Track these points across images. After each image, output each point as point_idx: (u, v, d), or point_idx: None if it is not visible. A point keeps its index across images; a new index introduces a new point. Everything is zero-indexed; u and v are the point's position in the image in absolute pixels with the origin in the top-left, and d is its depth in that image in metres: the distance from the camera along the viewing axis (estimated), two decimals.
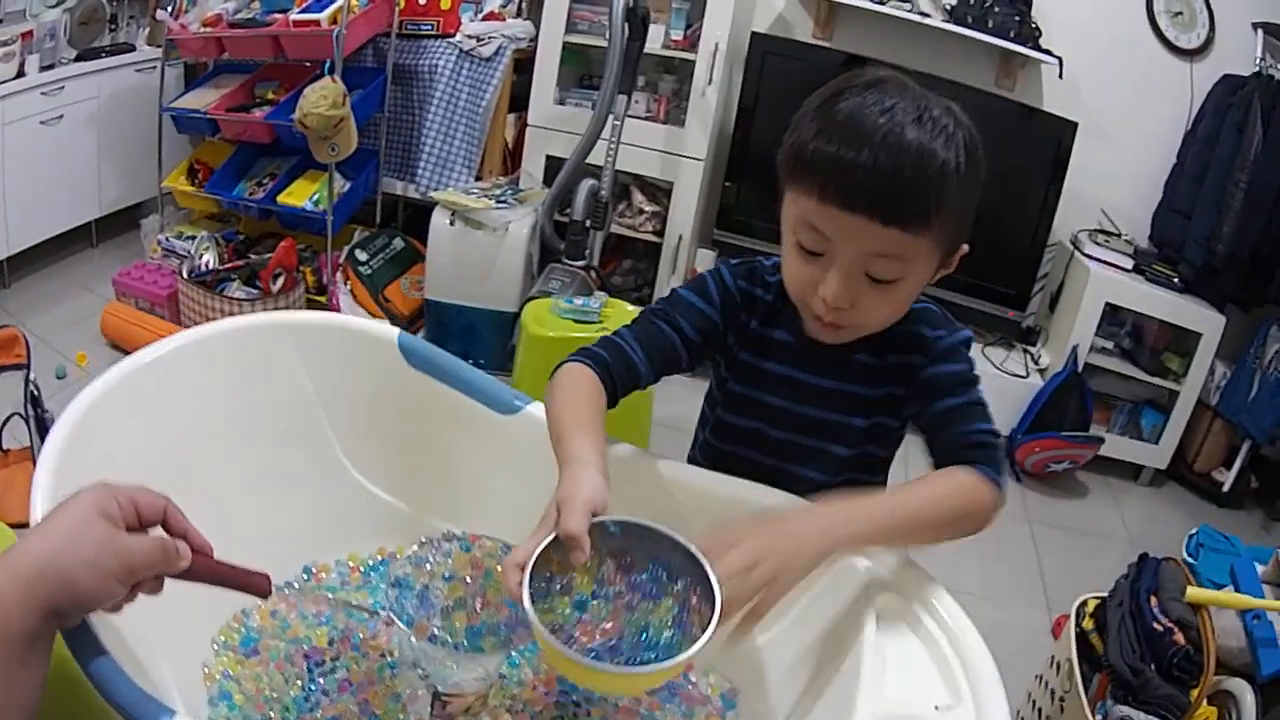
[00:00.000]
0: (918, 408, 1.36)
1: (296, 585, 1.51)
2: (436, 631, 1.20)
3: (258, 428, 1.48)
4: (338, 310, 3.82)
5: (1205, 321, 3.76)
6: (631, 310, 3.18)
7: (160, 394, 1.35)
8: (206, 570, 1.01)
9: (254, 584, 1.06)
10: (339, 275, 3.91)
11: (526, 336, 3.13)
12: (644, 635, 1.07)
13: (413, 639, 1.20)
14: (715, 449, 1.52)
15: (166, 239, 4.04)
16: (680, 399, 2.28)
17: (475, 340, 3.90)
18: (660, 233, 4.20)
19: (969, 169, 1.19)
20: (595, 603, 1.09)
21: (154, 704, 0.90)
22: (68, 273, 4.06)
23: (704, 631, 1.01)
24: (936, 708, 1.04)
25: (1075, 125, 3.80)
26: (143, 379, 1.33)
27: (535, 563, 1.05)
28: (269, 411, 1.50)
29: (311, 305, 3.89)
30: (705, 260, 4.20)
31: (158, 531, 0.98)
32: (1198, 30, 3.92)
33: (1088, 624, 2.05)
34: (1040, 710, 2.11)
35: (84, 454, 1.19)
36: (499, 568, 1.26)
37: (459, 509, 1.56)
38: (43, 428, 2.40)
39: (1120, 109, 4.00)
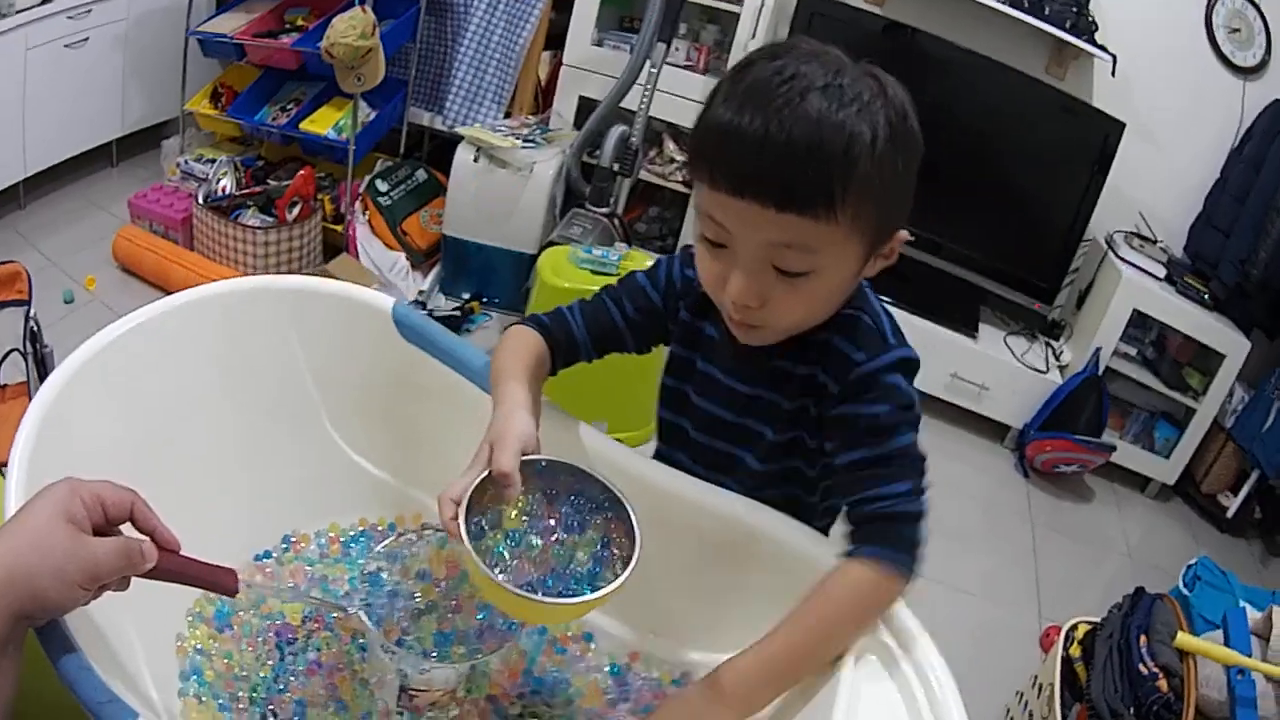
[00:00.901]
0: (828, 449, 1.21)
1: (275, 555, 1.49)
2: (405, 636, 1.18)
3: (244, 395, 1.45)
4: (354, 240, 3.82)
5: (1230, 343, 3.70)
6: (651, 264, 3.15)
7: (144, 361, 1.32)
8: (173, 569, 1.00)
9: (221, 581, 1.05)
10: (358, 205, 3.88)
11: (541, 284, 3.11)
12: (569, 566, 1.13)
13: (380, 643, 1.18)
14: (658, 447, 1.47)
15: (185, 161, 3.98)
16: None
17: (491, 279, 3.88)
18: (689, 183, 4.07)
19: (890, 145, 1.03)
20: (526, 537, 1.14)
21: (119, 705, 0.89)
22: (85, 193, 4.01)
23: (625, 565, 1.09)
24: None
25: (1123, 125, 3.73)
26: (126, 345, 1.29)
27: (469, 500, 1.08)
28: (256, 379, 1.46)
29: (328, 235, 3.87)
30: None
31: (127, 528, 0.97)
32: (1254, 49, 3.84)
33: (1074, 651, 2.02)
34: None
35: (63, 427, 1.16)
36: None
37: (444, 484, 1.51)
38: (41, 364, 2.39)
39: (1169, 116, 3.91)
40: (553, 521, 1.15)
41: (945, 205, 3.72)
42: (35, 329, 2.36)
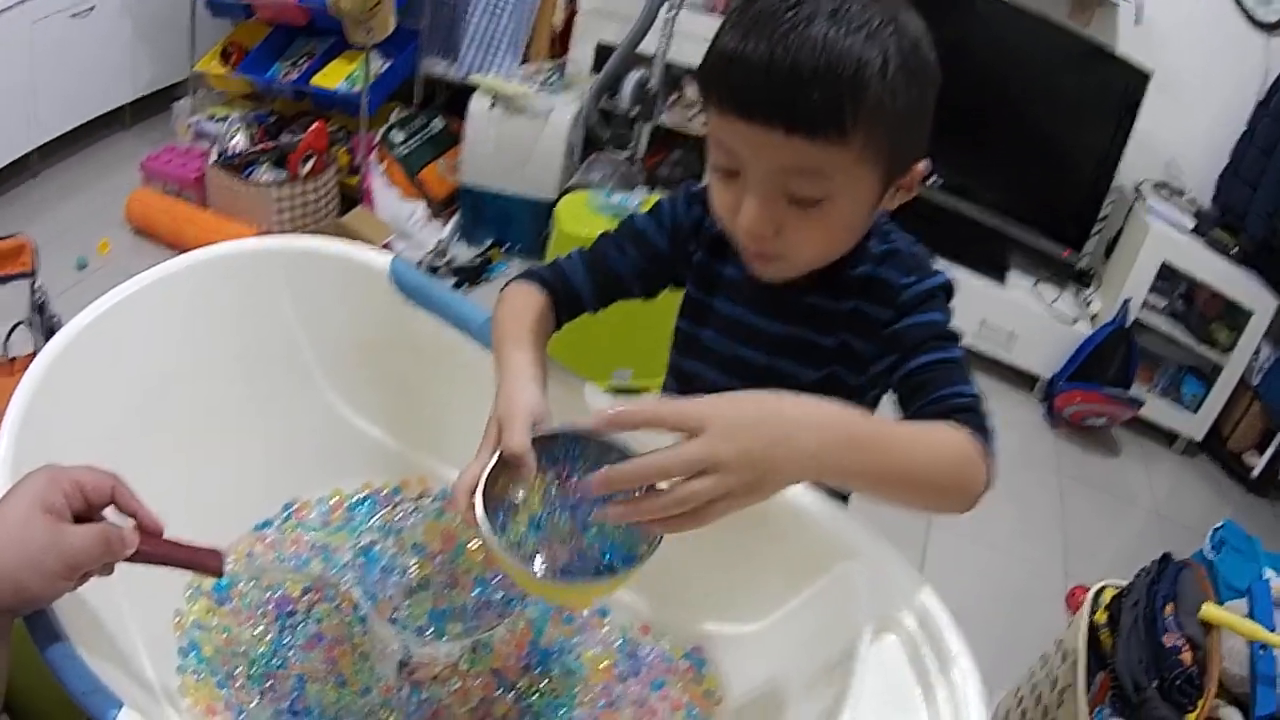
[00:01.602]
0: (888, 365, 1.18)
1: (276, 524, 1.46)
2: (399, 615, 1.15)
3: (240, 361, 1.41)
4: (370, 192, 3.78)
5: (1258, 299, 3.64)
6: None
7: (138, 331, 1.28)
8: (155, 553, 0.98)
9: (205, 563, 1.02)
10: (373, 156, 3.84)
11: (559, 232, 3.08)
12: (600, 540, 1.05)
13: (374, 621, 1.15)
14: (670, 393, 1.41)
15: (198, 121, 3.94)
16: None
17: (510, 226, 3.85)
18: None
19: (902, 72, 1.00)
20: (550, 519, 1.05)
21: (103, 695, 0.88)
22: (98, 157, 3.98)
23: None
24: None
25: (1147, 75, 3.66)
26: (120, 314, 1.26)
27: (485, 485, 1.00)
28: (251, 344, 1.42)
29: (344, 188, 3.83)
30: None
31: (110, 513, 0.95)
32: (1276, 5, 3.74)
33: (1100, 617, 1.97)
34: (1039, 696, 2.05)
35: (55, 401, 1.13)
36: (470, 546, 1.21)
37: (448, 446, 1.48)
38: (49, 335, 2.37)
39: (1193, 67, 3.83)
40: (576, 496, 1.06)
41: (972, 149, 3.70)
42: (43, 300, 2.34)
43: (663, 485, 0.90)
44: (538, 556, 1.03)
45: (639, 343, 3.01)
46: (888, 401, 1.26)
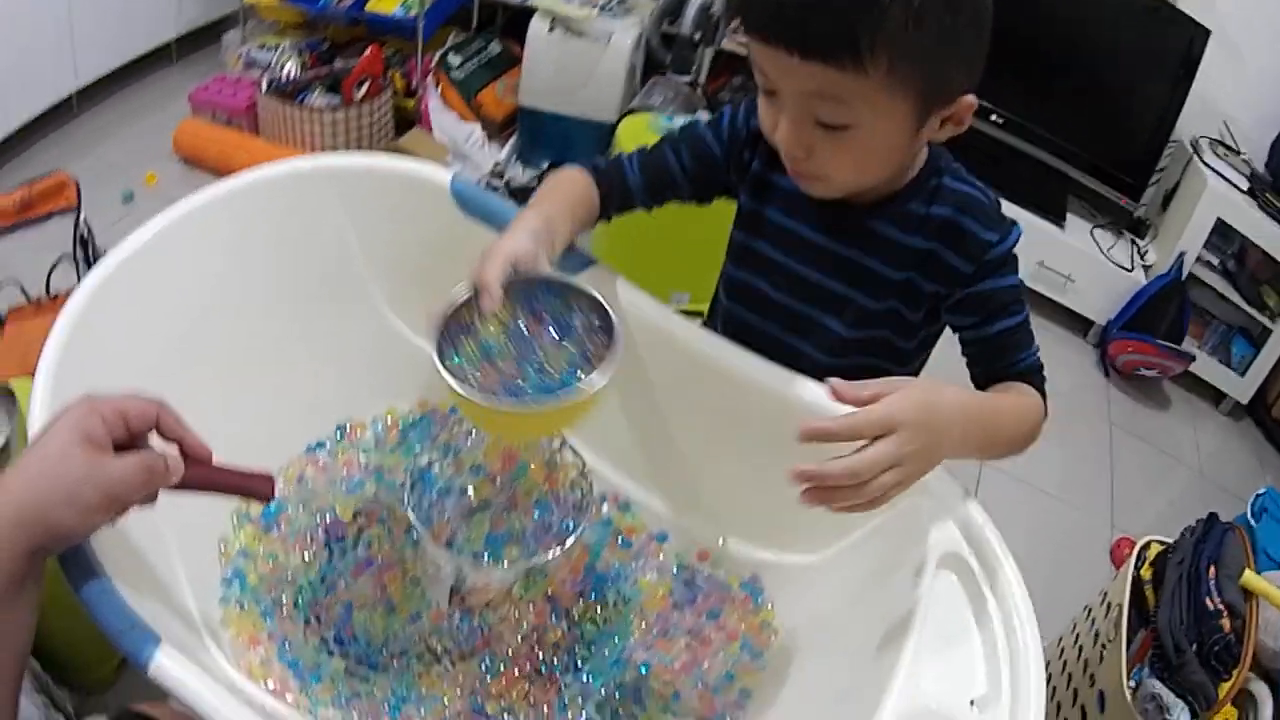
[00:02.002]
0: (967, 323, 1.22)
1: (328, 446, 1.45)
2: (455, 539, 1.14)
3: (294, 281, 1.40)
4: (427, 114, 3.73)
5: None
6: None
7: (183, 256, 1.26)
8: (202, 480, 0.94)
9: (256, 488, 0.99)
10: (430, 79, 3.78)
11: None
12: (542, 375, 1.07)
13: (428, 545, 1.14)
14: (723, 307, 1.42)
15: (248, 51, 3.87)
16: None
17: (569, 149, 3.76)
18: None
19: (935, 2, 0.98)
20: (501, 348, 1.09)
21: (141, 632, 0.86)
22: (144, 94, 3.89)
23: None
24: (972, 703, 0.97)
25: (1208, 32, 3.59)
26: (164, 242, 1.23)
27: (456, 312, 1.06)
28: (306, 264, 1.41)
29: (399, 111, 3.77)
30: None
31: (155, 441, 0.91)
32: None
33: (1146, 572, 1.96)
34: (1081, 648, 2.04)
35: (99, 331, 1.12)
36: (533, 465, 1.21)
37: None
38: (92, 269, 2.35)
39: (1253, 28, 3.75)
40: (528, 333, 1.10)
41: (1036, 91, 3.65)
42: (86, 233, 2.31)
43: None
44: (469, 378, 1.05)
45: (698, 266, 3.00)
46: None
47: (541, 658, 1.27)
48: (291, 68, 3.58)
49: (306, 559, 1.31)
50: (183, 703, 0.85)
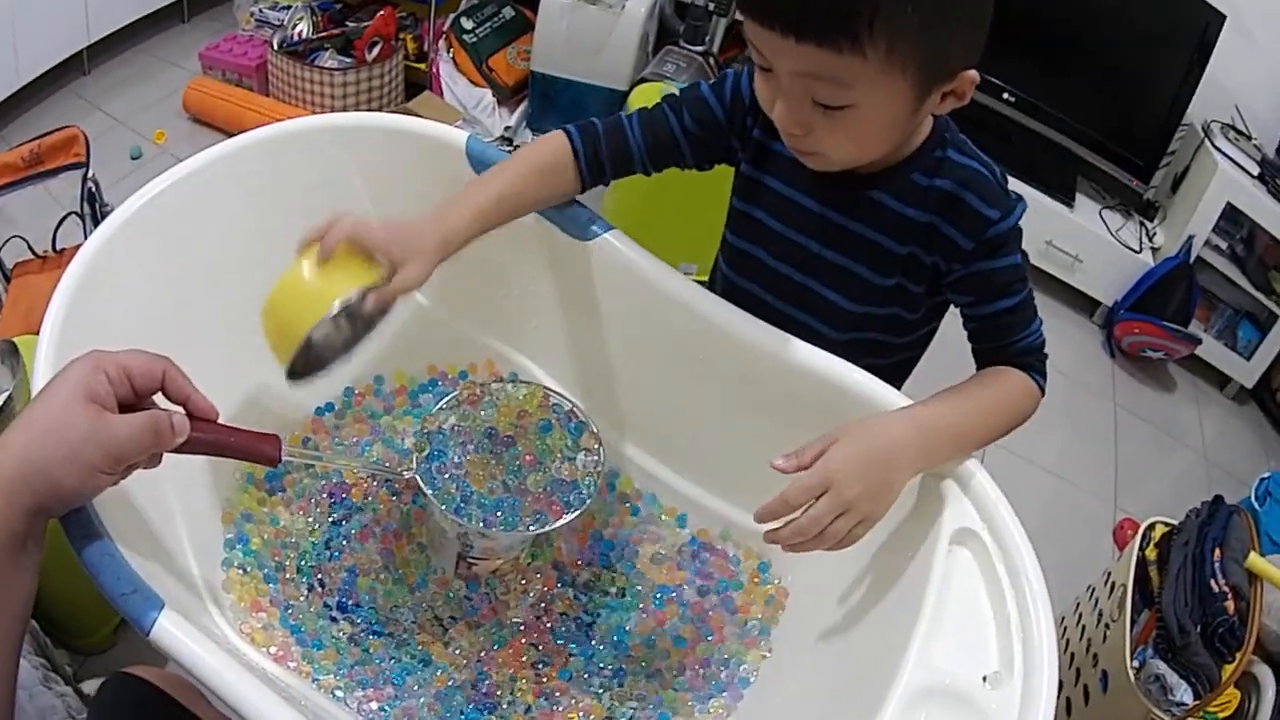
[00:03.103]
0: (965, 301, 1.21)
1: (336, 409, 1.44)
2: (465, 505, 1.13)
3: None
4: (438, 78, 3.72)
5: None
6: None
7: (195, 211, 1.24)
8: (208, 441, 0.92)
9: (262, 450, 0.97)
10: (441, 43, 3.76)
11: None
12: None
13: (440, 507, 1.13)
14: (722, 274, 1.41)
15: (260, 10, 3.85)
16: None
17: (580, 116, 3.60)
18: None
19: None
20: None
21: (143, 596, 0.85)
22: (154, 51, 3.87)
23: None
24: (984, 679, 0.96)
25: (1224, 17, 3.56)
26: (171, 199, 1.21)
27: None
28: (315, 223, 1.38)
29: (410, 74, 3.76)
30: None
31: (160, 399, 0.90)
32: None
33: (1150, 553, 1.96)
34: (1084, 627, 2.04)
35: (105, 288, 1.10)
36: (544, 434, 1.21)
37: (517, 329, 1.48)
38: (99, 225, 2.34)
39: (1268, 15, 3.72)
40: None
41: (1048, 69, 3.63)
42: (94, 189, 2.30)
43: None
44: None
45: (705, 238, 2.99)
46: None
47: (549, 627, 1.27)
48: (303, 27, 3.57)
49: (310, 523, 1.30)
50: (184, 668, 0.84)
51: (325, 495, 1.33)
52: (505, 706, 1.18)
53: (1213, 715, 1.69)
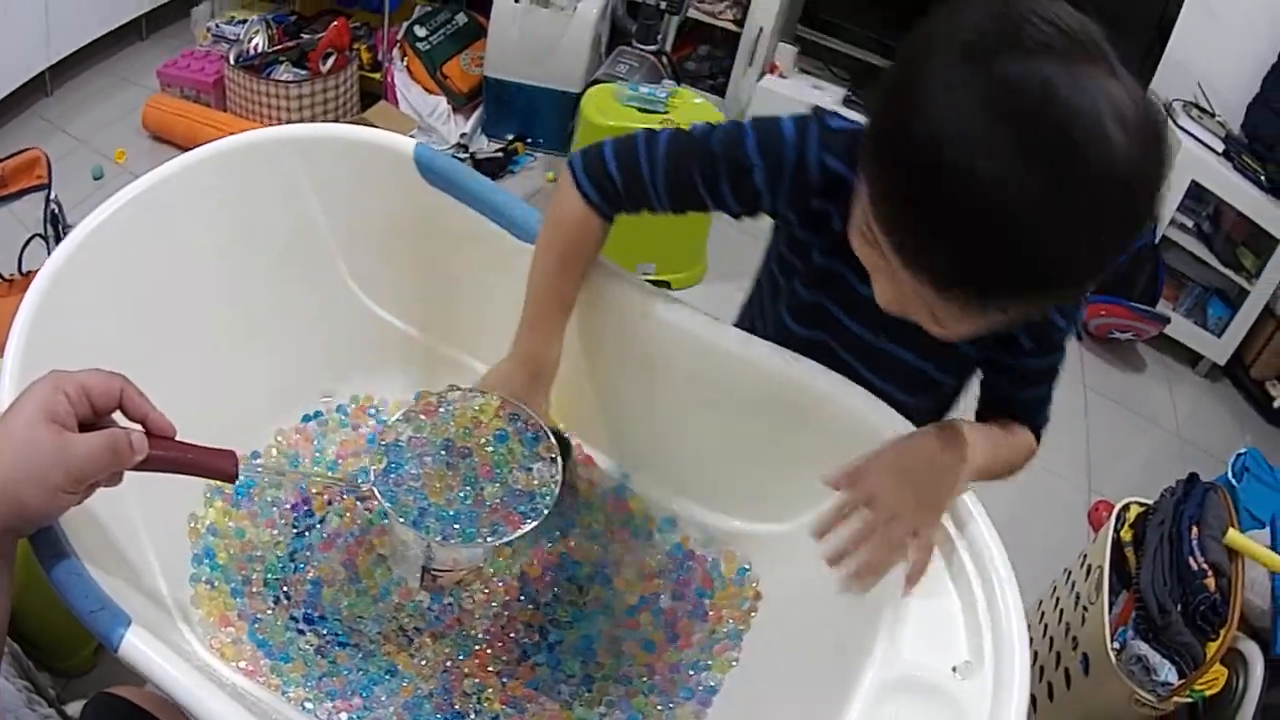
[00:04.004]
0: (1000, 382, 1.17)
1: (296, 422, 1.44)
2: (423, 515, 1.12)
3: (258, 255, 1.37)
4: (393, 87, 3.73)
5: None
6: (700, 103, 3.09)
7: (150, 229, 1.23)
8: (166, 459, 0.92)
9: (219, 466, 0.96)
10: (396, 52, 3.77)
11: (585, 123, 3.03)
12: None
13: (395, 522, 1.12)
14: (789, 333, 1.24)
15: (216, 25, 3.86)
16: None
17: (535, 120, 3.79)
18: (740, 22, 3.98)
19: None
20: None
21: (111, 613, 0.86)
22: (114, 70, 3.87)
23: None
24: (954, 669, 0.96)
25: None
26: (128, 215, 1.21)
27: None
28: (270, 236, 1.38)
29: (365, 84, 3.78)
30: (785, 55, 3.98)
31: (118, 418, 0.90)
32: None
33: (1126, 534, 1.95)
34: (1061, 611, 2.03)
35: (65, 310, 1.10)
36: (510, 429, 1.21)
37: (475, 338, 1.47)
38: None
39: None
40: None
41: None
42: (56, 211, 2.30)
43: None
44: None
45: (664, 238, 3.10)
46: None
47: (514, 637, 1.25)
48: (259, 41, 3.58)
49: (275, 535, 1.30)
50: (153, 683, 0.85)
51: (289, 508, 1.33)
52: (473, 716, 1.16)
53: (1199, 693, 1.69)
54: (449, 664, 1.21)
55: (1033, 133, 0.76)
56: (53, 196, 2.28)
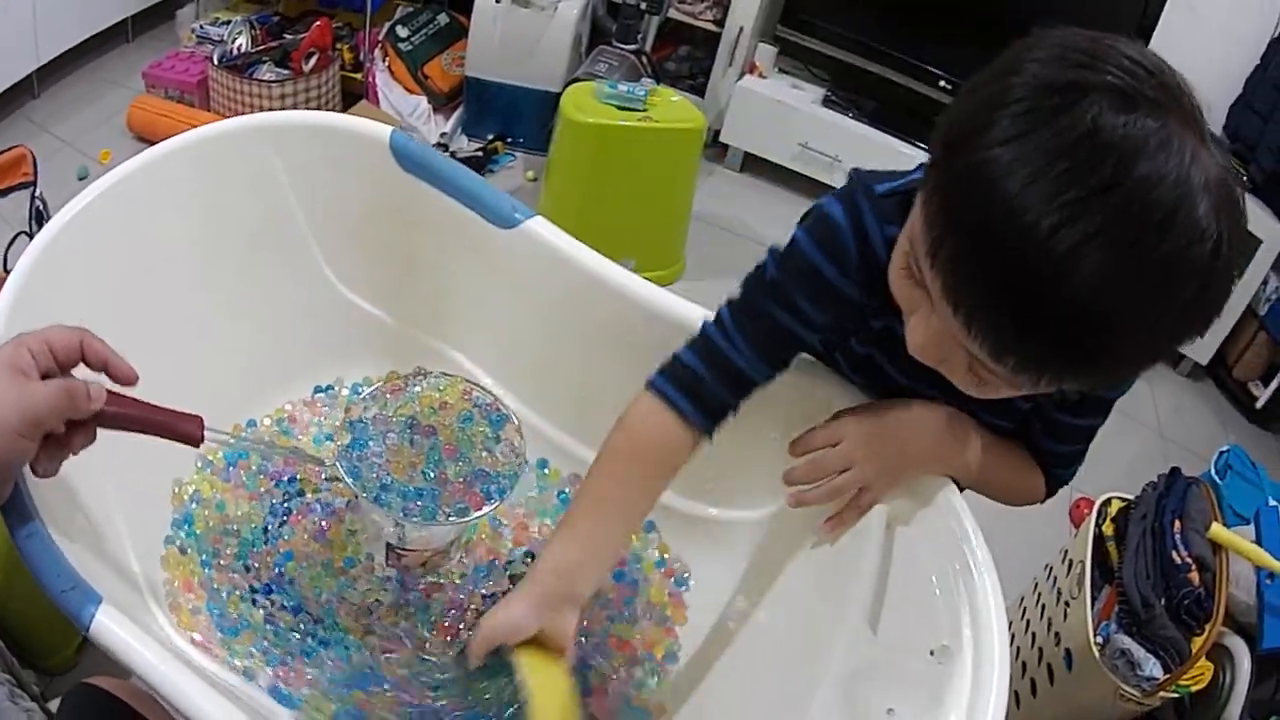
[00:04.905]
0: (1052, 407, 1.07)
1: (273, 400, 1.45)
2: (385, 493, 1.11)
3: (231, 242, 1.36)
4: (374, 87, 3.75)
5: (1267, 230, 3.52)
6: (678, 100, 3.06)
7: (129, 218, 1.23)
8: (129, 415, 0.93)
9: (184, 429, 0.96)
10: (377, 52, 3.79)
11: (564, 121, 3.01)
12: None
13: (362, 502, 1.11)
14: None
15: (201, 26, 3.87)
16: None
17: (515, 120, 3.81)
18: (720, 22, 3.96)
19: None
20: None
21: (82, 592, 0.86)
22: (100, 72, 3.88)
23: None
24: (932, 653, 0.94)
25: None
26: (108, 205, 1.21)
27: None
28: (243, 224, 1.36)
29: (348, 84, 3.79)
30: (765, 56, 3.97)
31: (82, 371, 0.92)
32: None
33: (1107, 529, 1.94)
34: (1043, 607, 2.02)
35: (42, 300, 1.09)
36: (475, 410, 1.21)
37: (450, 326, 1.47)
38: None
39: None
40: None
41: (986, 54, 3.62)
42: (41, 208, 2.29)
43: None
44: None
45: (645, 233, 3.02)
46: None
47: (478, 612, 1.24)
48: (243, 41, 3.60)
49: (254, 507, 1.30)
50: (121, 662, 0.85)
51: (270, 480, 1.33)
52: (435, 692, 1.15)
53: (1185, 688, 1.67)
54: (408, 640, 1.20)
55: (1117, 208, 0.70)
56: (38, 193, 2.28)
